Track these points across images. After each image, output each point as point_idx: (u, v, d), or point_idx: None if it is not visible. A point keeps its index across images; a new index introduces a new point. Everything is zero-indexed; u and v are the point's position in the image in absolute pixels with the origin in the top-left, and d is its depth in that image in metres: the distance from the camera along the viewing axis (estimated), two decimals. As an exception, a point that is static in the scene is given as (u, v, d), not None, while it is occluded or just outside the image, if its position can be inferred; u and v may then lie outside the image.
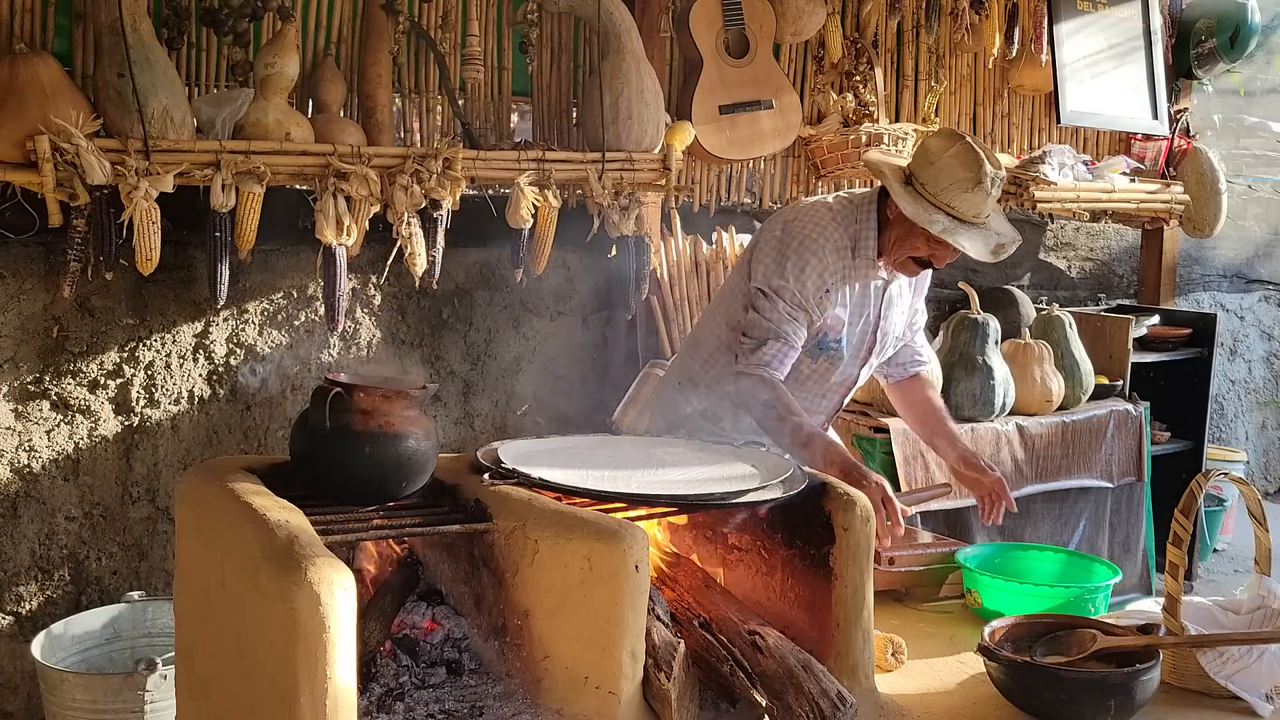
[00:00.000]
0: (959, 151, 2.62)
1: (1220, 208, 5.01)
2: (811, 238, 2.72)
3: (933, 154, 2.65)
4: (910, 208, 2.63)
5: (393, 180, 3.24)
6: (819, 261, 2.71)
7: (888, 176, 2.68)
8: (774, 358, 2.70)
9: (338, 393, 1.93)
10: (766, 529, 2.21)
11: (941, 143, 2.67)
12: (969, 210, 2.63)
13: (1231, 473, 2.38)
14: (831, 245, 2.73)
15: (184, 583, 2.00)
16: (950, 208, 2.62)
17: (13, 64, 2.89)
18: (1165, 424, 4.87)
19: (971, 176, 2.61)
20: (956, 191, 2.61)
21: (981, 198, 2.62)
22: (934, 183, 2.63)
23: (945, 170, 2.62)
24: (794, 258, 2.71)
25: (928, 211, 2.62)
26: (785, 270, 2.71)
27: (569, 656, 1.82)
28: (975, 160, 2.61)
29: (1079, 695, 1.93)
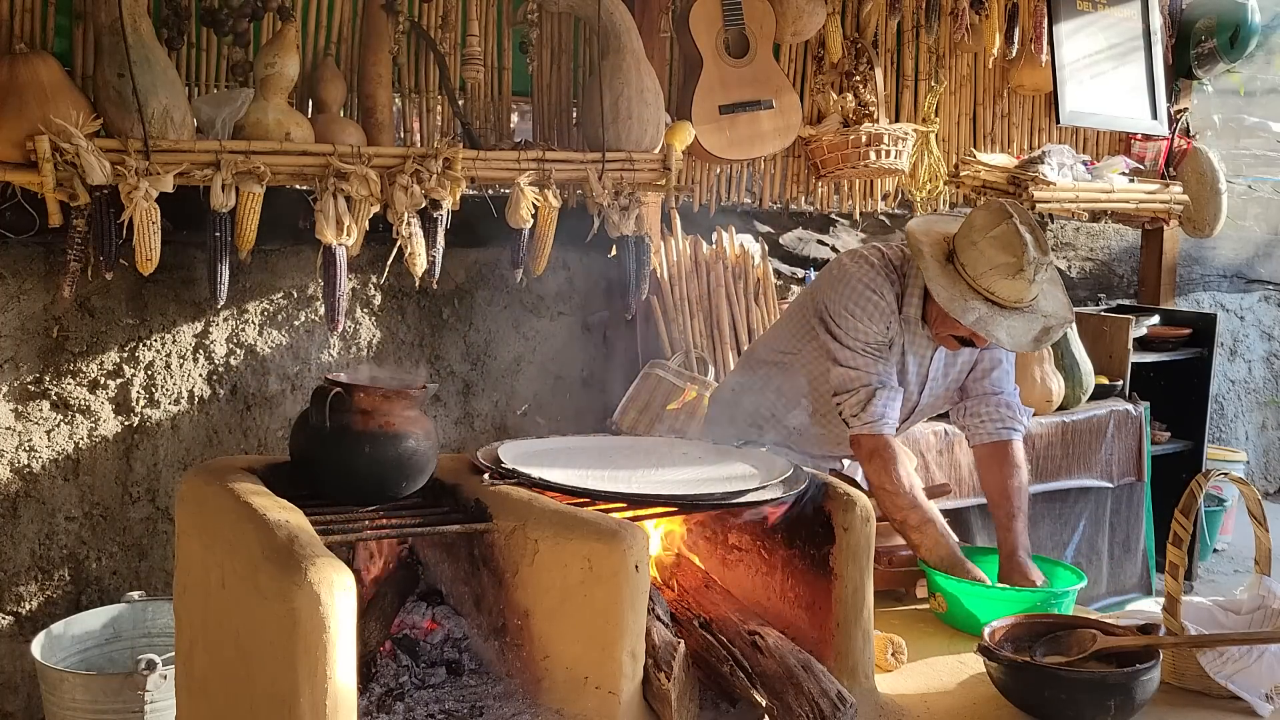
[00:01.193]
0: (1001, 234, 2.44)
1: (1220, 208, 5.01)
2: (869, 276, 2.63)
3: (975, 232, 2.48)
4: (944, 294, 2.48)
5: (393, 180, 3.24)
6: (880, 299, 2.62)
7: (924, 256, 2.53)
8: (886, 407, 2.60)
9: (338, 393, 1.93)
10: (766, 529, 2.21)
11: (985, 220, 2.49)
12: (1010, 297, 2.46)
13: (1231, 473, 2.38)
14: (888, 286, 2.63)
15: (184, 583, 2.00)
16: (990, 293, 2.46)
17: (13, 64, 2.89)
18: (1165, 424, 4.87)
19: (1013, 263, 2.43)
20: (996, 277, 2.45)
21: (1024, 285, 2.45)
22: (973, 265, 2.47)
23: (985, 253, 2.46)
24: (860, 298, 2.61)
25: (963, 298, 2.47)
26: (853, 315, 2.61)
27: (569, 656, 1.82)
28: (1018, 245, 2.43)
29: (1079, 695, 1.93)
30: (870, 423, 2.59)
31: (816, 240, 4.80)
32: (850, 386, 2.62)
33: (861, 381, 2.61)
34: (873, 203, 4.67)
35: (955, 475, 3.92)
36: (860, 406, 2.60)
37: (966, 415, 2.82)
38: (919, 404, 2.79)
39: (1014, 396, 2.82)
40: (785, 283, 4.61)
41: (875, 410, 2.59)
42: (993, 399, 2.78)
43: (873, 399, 2.59)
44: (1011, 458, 2.74)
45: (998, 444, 2.76)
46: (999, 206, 2.50)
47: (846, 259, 2.73)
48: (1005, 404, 2.78)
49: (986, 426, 2.78)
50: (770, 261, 4.30)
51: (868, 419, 2.59)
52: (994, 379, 2.80)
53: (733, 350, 4.01)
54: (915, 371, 2.73)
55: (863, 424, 2.60)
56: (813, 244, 4.79)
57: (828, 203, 4.59)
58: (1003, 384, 2.81)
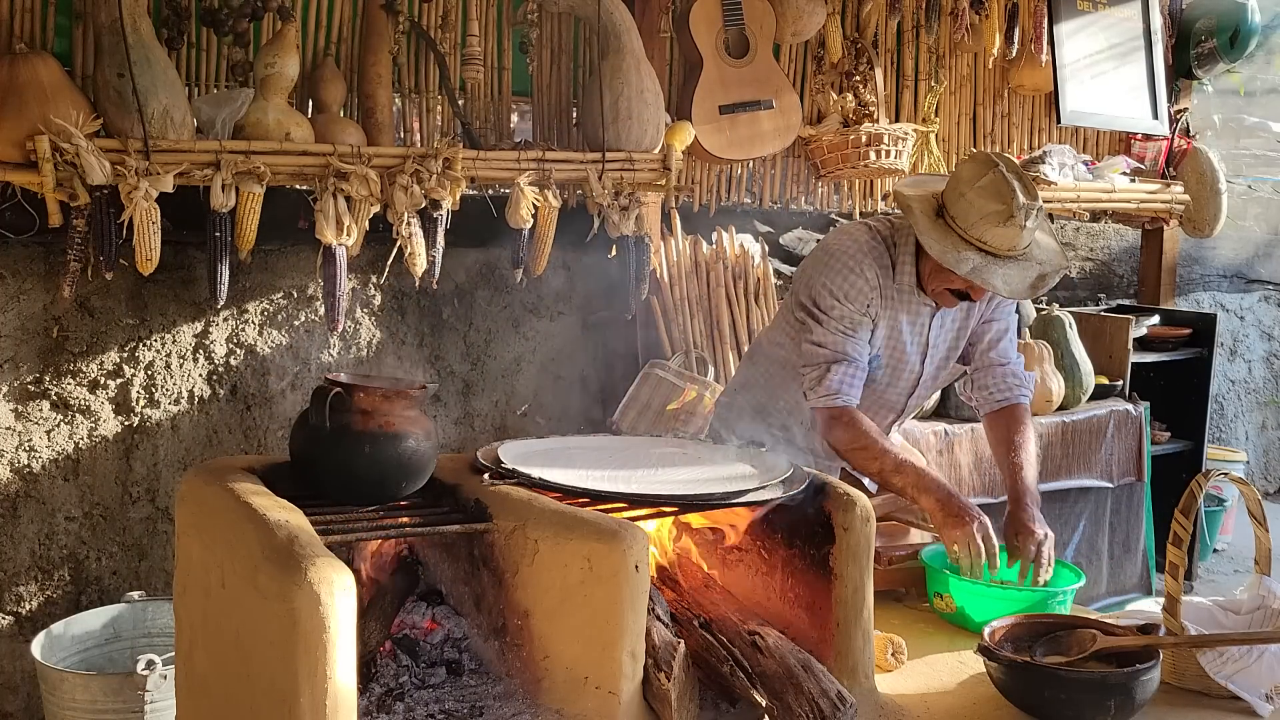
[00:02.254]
0: (989, 182, 2.43)
1: (1220, 208, 5.01)
2: (850, 253, 2.61)
3: (962, 184, 2.47)
4: (936, 246, 2.47)
5: (393, 180, 3.24)
6: (859, 278, 2.59)
7: (914, 211, 2.52)
8: (843, 382, 2.58)
9: (338, 393, 1.93)
10: (766, 529, 2.21)
11: (972, 171, 2.48)
12: (1002, 245, 2.44)
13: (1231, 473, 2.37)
14: (871, 262, 2.60)
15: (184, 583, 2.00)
16: (982, 242, 2.45)
17: (13, 64, 2.89)
18: (1165, 424, 4.87)
19: (1002, 210, 2.42)
20: (987, 226, 2.43)
21: (1015, 232, 2.43)
22: (963, 216, 2.46)
23: (975, 203, 2.44)
24: (837, 277, 2.59)
25: (955, 249, 2.45)
26: (832, 290, 2.59)
27: (569, 656, 1.82)
28: (1006, 191, 2.41)
29: (1079, 695, 1.93)
30: (826, 395, 2.58)
31: (816, 240, 4.80)
32: (812, 359, 2.61)
33: (831, 356, 2.59)
34: (873, 203, 4.67)
35: (955, 475, 3.92)
36: (818, 380, 2.59)
37: (975, 387, 2.84)
38: (923, 374, 2.77)
39: (1019, 365, 2.84)
40: (785, 283, 4.60)
41: (831, 383, 2.57)
42: (999, 369, 2.80)
43: (829, 372, 2.57)
44: (1019, 416, 2.77)
45: (1005, 407, 2.79)
46: (984, 157, 2.49)
47: (832, 237, 2.72)
48: (1012, 373, 2.80)
49: (995, 395, 2.80)
50: (770, 261, 4.29)
51: (823, 391, 2.58)
52: (1001, 349, 2.81)
53: (733, 350, 4.01)
54: (914, 340, 2.71)
55: (818, 396, 2.59)
56: (813, 244, 4.78)
57: (828, 203, 4.59)
58: (1008, 353, 2.82)
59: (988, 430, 2.84)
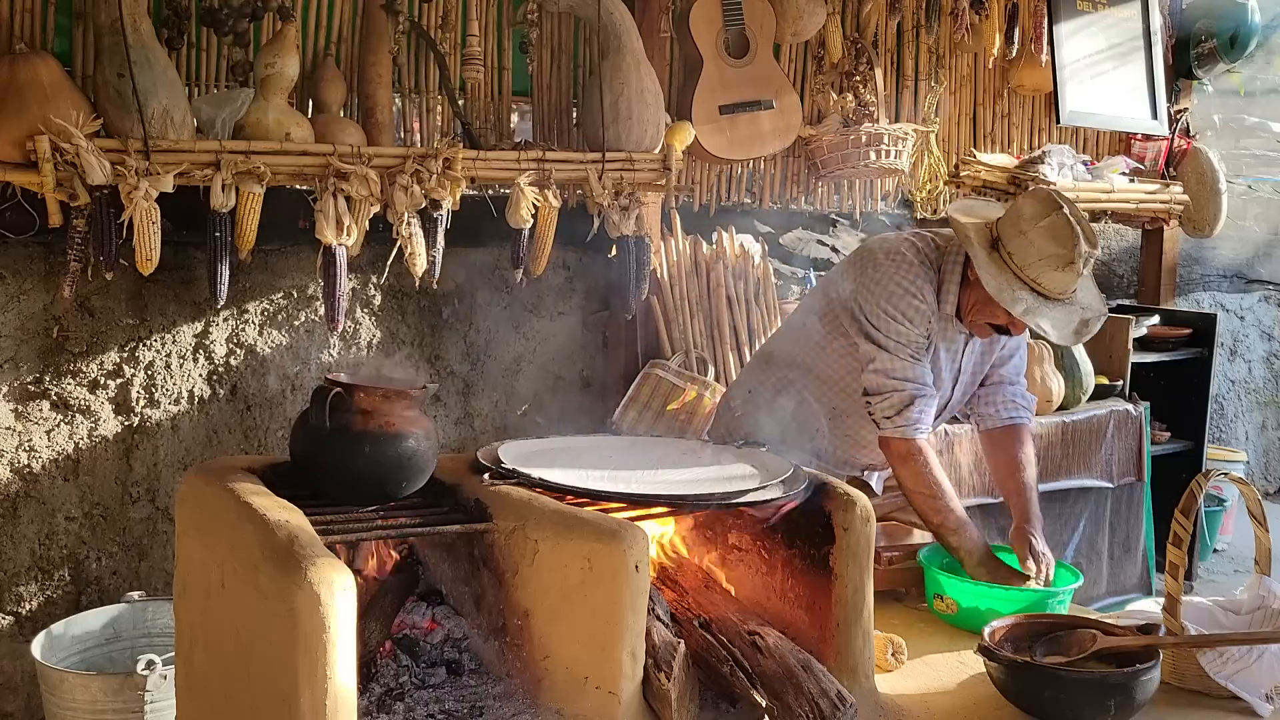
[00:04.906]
0: (1053, 224, 2.41)
1: (1220, 208, 5.01)
2: (905, 274, 2.58)
3: (1024, 221, 2.45)
4: (993, 283, 2.44)
5: (393, 180, 3.24)
6: (919, 300, 2.57)
7: (972, 242, 2.49)
8: (920, 414, 2.56)
9: (338, 393, 1.93)
10: (766, 529, 2.21)
11: (1035, 209, 2.45)
12: (1055, 288, 2.44)
13: (1231, 473, 2.38)
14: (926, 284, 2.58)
15: (184, 583, 2.00)
16: (1035, 283, 2.44)
17: (13, 64, 2.89)
18: (1165, 424, 4.87)
19: (1064, 255, 2.41)
20: (1045, 268, 2.42)
21: (1072, 278, 2.43)
22: (1021, 255, 2.43)
23: (1035, 244, 2.42)
24: (898, 300, 2.56)
25: (1011, 288, 2.43)
26: (892, 314, 2.56)
27: (569, 656, 1.82)
28: (1070, 236, 2.40)
29: (1079, 695, 1.94)
30: (904, 426, 2.55)
31: (816, 240, 4.80)
32: (885, 389, 2.57)
33: (899, 384, 2.55)
34: (873, 203, 4.67)
35: (955, 475, 3.91)
36: (895, 410, 2.56)
37: (979, 404, 2.84)
38: (952, 398, 2.77)
39: (1024, 387, 2.85)
40: (785, 283, 4.60)
41: (912, 415, 2.55)
42: (1007, 389, 2.81)
43: (911, 404, 2.55)
44: (1021, 436, 2.79)
45: (1008, 427, 2.79)
46: (1047, 196, 2.47)
47: (880, 254, 2.65)
48: (1020, 394, 2.82)
49: (1000, 413, 2.80)
50: (770, 261, 4.29)
51: (902, 423, 2.55)
52: (1013, 366, 2.82)
53: (733, 350, 4.01)
54: (949, 365, 2.70)
55: (895, 427, 2.56)
56: (813, 244, 4.78)
57: (828, 203, 4.59)
58: (1019, 371, 2.83)
59: (988, 447, 2.85)
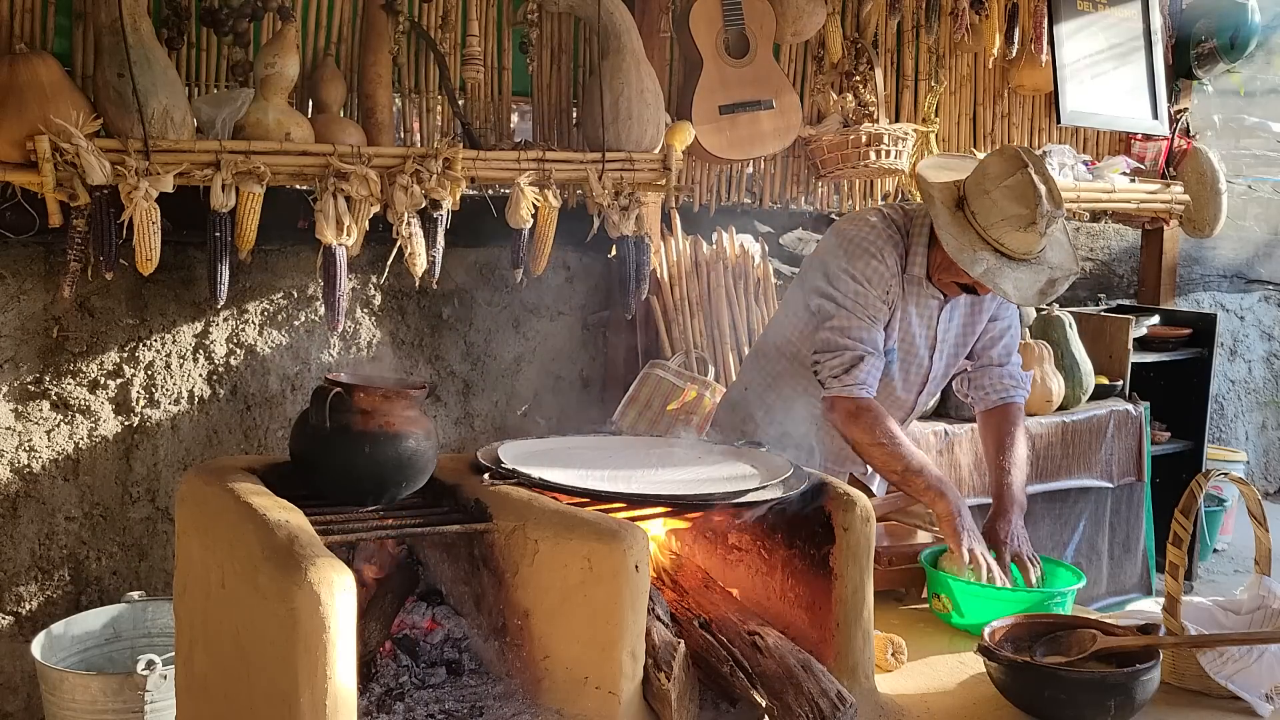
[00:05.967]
0: (1016, 184, 2.38)
1: (1220, 208, 5.01)
2: (868, 238, 2.57)
3: (988, 180, 2.42)
4: (953, 243, 2.42)
5: (393, 180, 3.24)
6: (879, 263, 2.55)
7: (935, 202, 2.47)
8: (868, 374, 2.53)
9: (338, 393, 1.93)
10: (766, 529, 2.21)
11: (1000, 168, 2.42)
12: (1019, 248, 2.41)
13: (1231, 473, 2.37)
14: (890, 249, 2.57)
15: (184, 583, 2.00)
16: (999, 244, 2.41)
17: (13, 64, 2.89)
18: (1165, 424, 4.87)
19: (1025, 215, 2.38)
20: (1007, 229, 2.40)
21: (1034, 238, 2.40)
22: (984, 215, 2.41)
23: (998, 203, 2.39)
24: (857, 261, 2.55)
25: (972, 248, 2.41)
26: (852, 274, 2.55)
27: (569, 656, 1.82)
28: (1031, 196, 2.37)
29: (1079, 695, 1.93)
30: (850, 385, 2.53)
31: (816, 240, 4.80)
32: (837, 345, 2.55)
33: (851, 343, 2.54)
34: (872, 203, 4.67)
35: (955, 475, 3.92)
36: (844, 368, 2.53)
37: (971, 385, 2.84)
38: (932, 369, 2.74)
39: (1017, 365, 2.83)
40: (785, 283, 4.60)
41: (860, 374, 2.52)
42: (997, 370, 2.80)
43: (859, 363, 2.52)
44: (1012, 416, 2.77)
45: (1001, 407, 2.79)
46: (1014, 153, 2.43)
47: (845, 223, 2.67)
48: (1009, 374, 2.81)
49: (990, 394, 2.80)
50: (770, 261, 4.30)
51: (850, 381, 2.53)
52: (1004, 345, 2.80)
53: (733, 350, 4.01)
54: (923, 333, 2.68)
55: (844, 385, 2.53)
56: (813, 244, 4.78)
57: (828, 203, 4.59)
58: (1011, 349, 2.81)
59: (981, 428, 2.84)
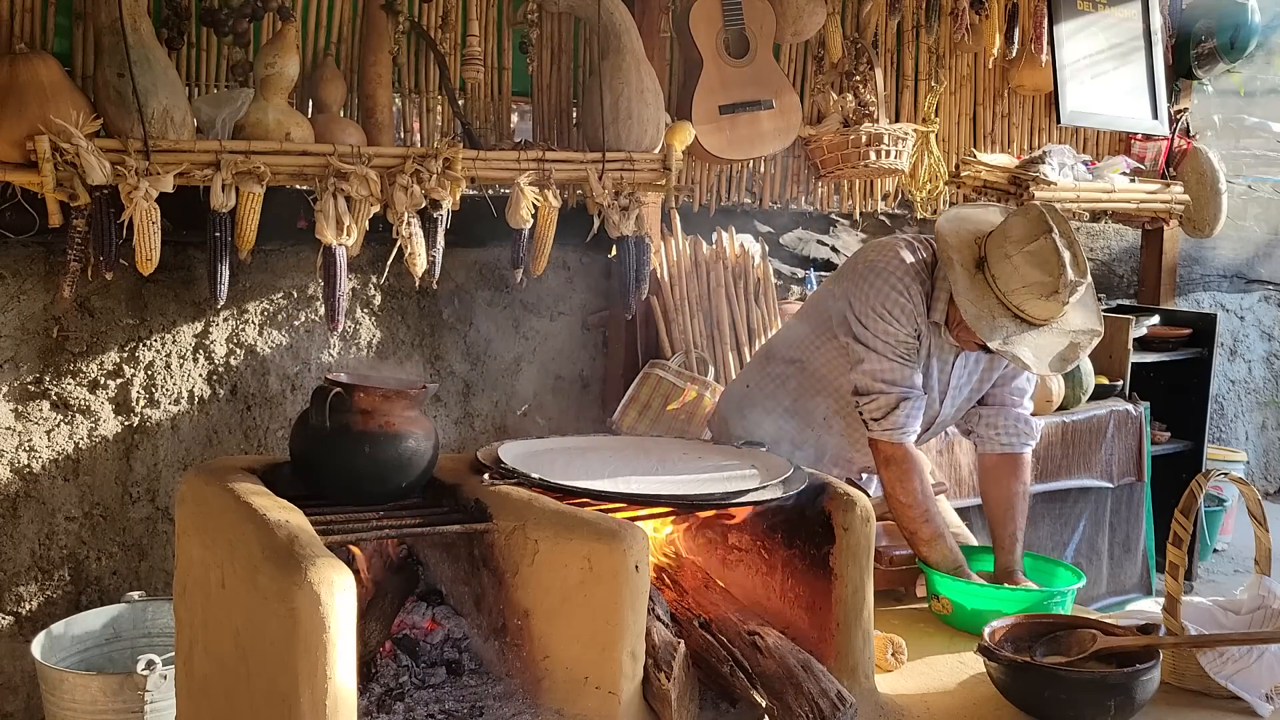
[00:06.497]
0: (1039, 249, 2.30)
1: (1220, 208, 5.01)
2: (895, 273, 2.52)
3: (1010, 244, 2.35)
4: (972, 310, 2.35)
5: (393, 180, 3.24)
6: (907, 300, 2.50)
7: (954, 265, 2.40)
8: (908, 418, 2.51)
9: (338, 393, 1.93)
10: (766, 529, 2.21)
11: (1023, 231, 2.34)
12: (1040, 315, 2.35)
13: (1231, 473, 2.37)
14: (916, 286, 2.51)
15: (184, 583, 2.00)
16: (1020, 310, 2.35)
17: (13, 64, 2.89)
18: (1165, 424, 4.87)
19: (1048, 283, 2.30)
20: (1028, 296, 2.33)
21: (1056, 307, 2.34)
22: (1005, 280, 2.34)
23: (1020, 269, 2.32)
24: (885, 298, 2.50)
25: (991, 315, 2.35)
26: (879, 312, 2.50)
27: (569, 656, 1.82)
28: (1055, 264, 2.29)
29: (1079, 695, 1.93)
30: (890, 429, 2.51)
31: (816, 240, 4.80)
32: (874, 390, 2.52)
33: (886, 386, 2.51)
34: (873, 203, 4.67)
35: (955, 475, 3.92)
36: (883, 412, 2.52)
37: (980, 424, 2.74)
38: (941, 413, 2.70)
39: (1028, 410, 2.74)
40: (785, 283, 4.61)
41: (899, 418, 2.51)
42: (1009, 412, 2.71)
43: (898, 406, 2.50)
44: (1020, 473, 2.68)
45: (1008, 456, 2.70)
46: (1038, 215, 2.35)
47: (874, 254, 2.60)
48: (1021, 418, 2.71)
49: (1000, 438, 2.70)
50: (770, 261, 4.30)
51: (889, 425, 2.51)
52: (1016, 386, 2.72)
53: (733, 350, 4.01)
54: (938, 377, 2.64)
55: (883, 430, 2.52)
56: (813, 244, 4.78)
57: (828, 203, 4.59)
58: (1024, 393, 2.73)
59: (983, 473, 2.75)
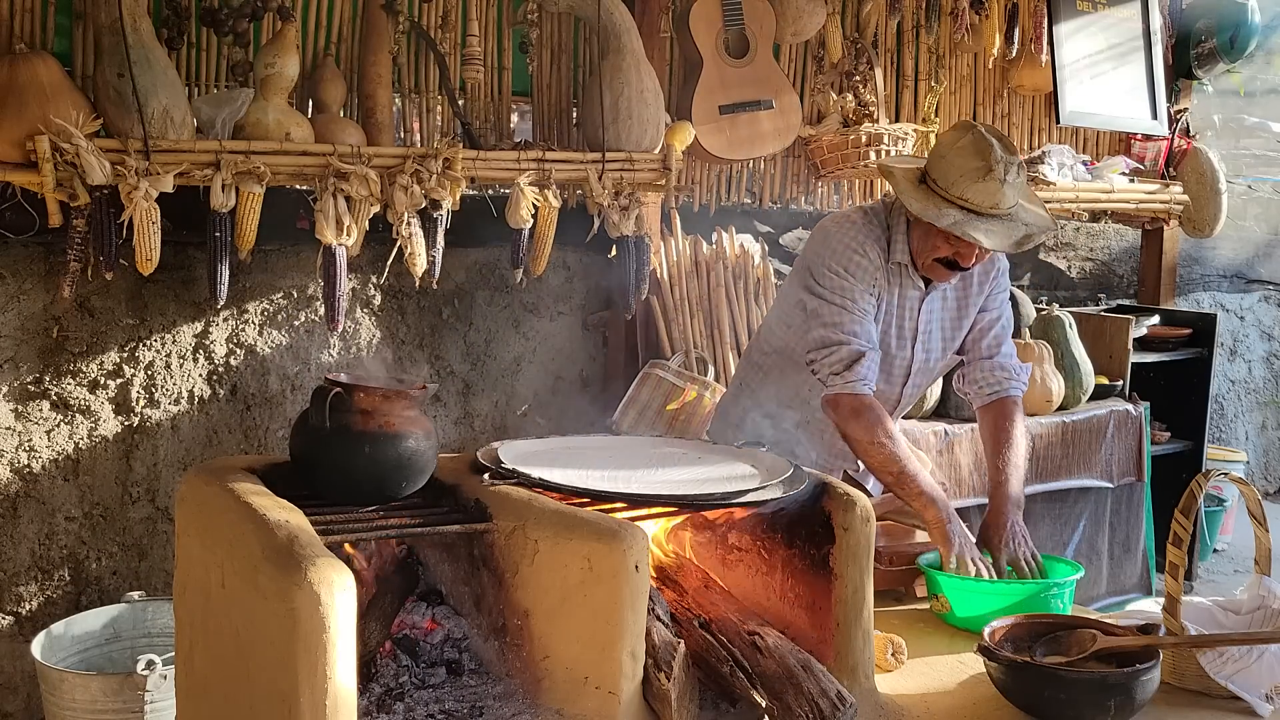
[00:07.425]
0: (969, 142, 2.50)
1: (1220, 208, 5.01)
2: (849, 232, 2.64)
3: (943, 147, 2.56)
4: (918, 204, 2.52)
5: (393, 180, 3.24)
6: (861, 256, 2.61)
7: (895, 176, 2.59)
8: (867, 370, 2.56)
9: (338, 393, 1.93)
10: (766, 529, 2.21)
11: (952, 135, 2.57)
12: (984, 201, 2.49)
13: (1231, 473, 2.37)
14: (870, 241, 2.63)
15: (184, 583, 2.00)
16: (964, 200, 2.50)
17: (13, 64, 2.89)
18: (1165, 424, 4.87)
19: (981, 165, 2.48)
20: (967, 183, 2.49)
21: (995, 186, 2.48)
22: (944, 177, 2.52)
23: (955, 163, 2.51)
24: (841, 255, 2.61)
25: (937, 207, 2.50)
26: (834, 269, 2.61)
27: (569, 657, 1.82)
28: (985, 148, 2.48)
29: (1079, 695, 1.93)
30: (852, 382, 2.56)
31: (816, 240, 4.80)
32: (830, 342, 2.58)
33: (844, 338, 2.57)
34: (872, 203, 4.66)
35: (955, 475, 3.92)
36: (844, 364, 2.56)
37: (966, 381, 2.86)
38: (913, 361, 2.76)
39: (1011, 358, 2.84)
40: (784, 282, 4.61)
41: (860, 370, 2.55)
42: (989, 363, 2.81)
43: (859, 359, 2.56)
44: (1007, 412, 2.77)
45: (996, 402, 2.80)
46: (963, 123, 2.58)
47: (828, 222, 2.74)
48: (1001, 366, 2.81)
49: (985, 388, 2.81)
50: (770, 261, 4.30)
51: (851, 378, 2.55)
52: (994, 336, 2.81)
53: (733, 350, 4.01)
54: (903, 324, 2.71)
55: (844, 383, 2.56)
56: (813, 244, 4.78)
57: (828, 203, 4.59)
58: (1001, 341, 2.82)
59: (980, 426, 2.84)
